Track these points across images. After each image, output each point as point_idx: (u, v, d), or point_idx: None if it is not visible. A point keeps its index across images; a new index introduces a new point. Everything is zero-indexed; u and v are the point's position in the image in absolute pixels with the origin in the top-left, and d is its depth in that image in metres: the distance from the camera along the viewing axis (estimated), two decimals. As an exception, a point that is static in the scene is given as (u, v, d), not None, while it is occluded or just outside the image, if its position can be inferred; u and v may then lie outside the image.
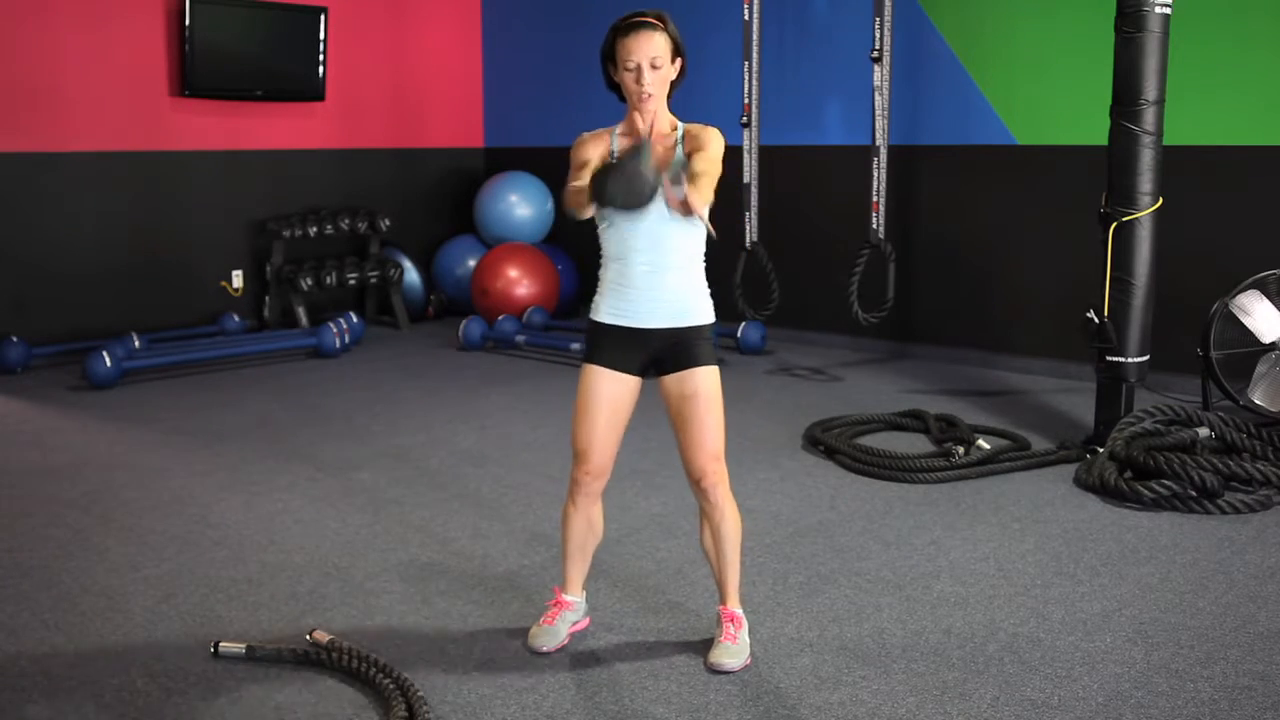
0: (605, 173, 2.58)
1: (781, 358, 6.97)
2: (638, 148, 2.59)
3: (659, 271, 2.86)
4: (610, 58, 2.86)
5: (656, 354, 2.91)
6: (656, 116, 2.86)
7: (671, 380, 2.90)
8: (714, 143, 2.85)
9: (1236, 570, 3.59)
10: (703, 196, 2.72)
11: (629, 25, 2.82)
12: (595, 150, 2.92)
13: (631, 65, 2.81)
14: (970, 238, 6.71)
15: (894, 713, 2.70)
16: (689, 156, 2.83)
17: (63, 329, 6.97)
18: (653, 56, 2.80)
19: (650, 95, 2.82)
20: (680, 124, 2.93)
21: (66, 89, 6.92)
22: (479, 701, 2.75)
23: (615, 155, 2.86)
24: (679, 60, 2.87)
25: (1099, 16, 5.46)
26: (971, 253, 6.71)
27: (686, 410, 2.88)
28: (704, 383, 2.87)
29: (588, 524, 3.02)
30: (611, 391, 2.92)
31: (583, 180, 2.80)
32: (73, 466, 4.69)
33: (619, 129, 2.94)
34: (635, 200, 2.59)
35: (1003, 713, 2.70)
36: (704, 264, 2.93)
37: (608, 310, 2.93)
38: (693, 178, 2.74)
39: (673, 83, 2.88)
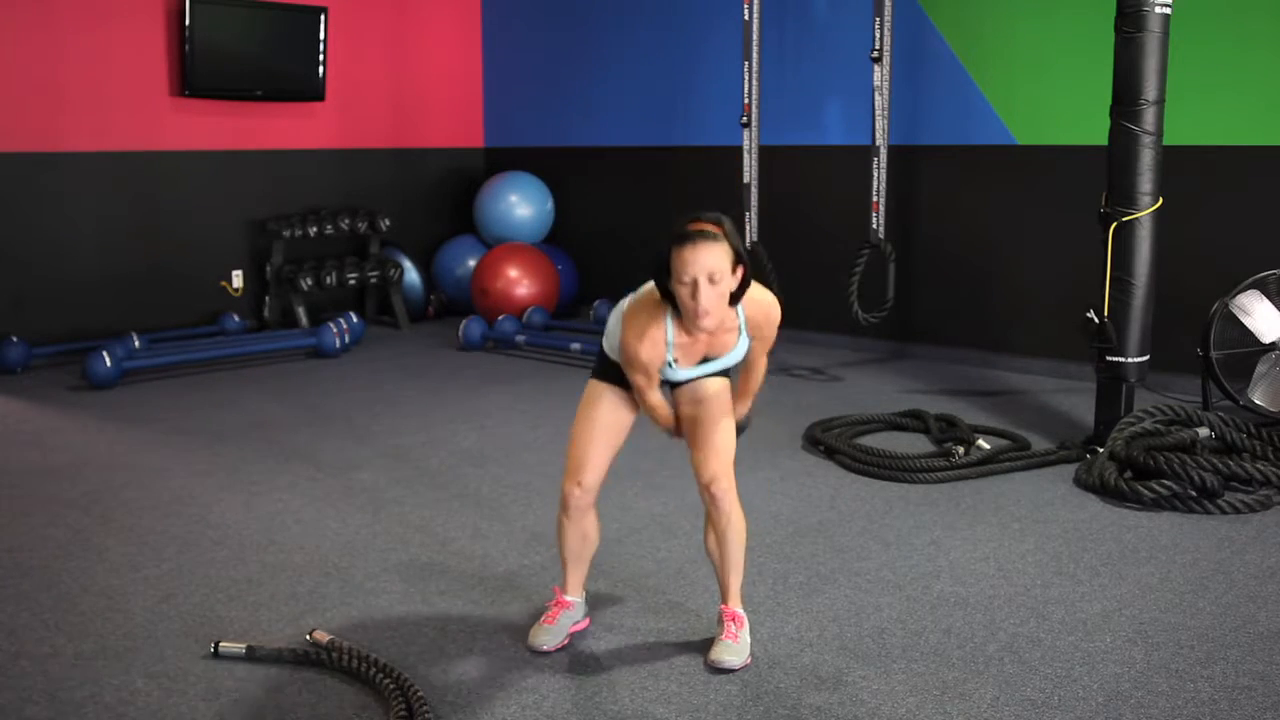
0: None
1: (781, 358, 6.96)
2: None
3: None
4: (666, 268, 2.63)
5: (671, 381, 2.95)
6: (719, 324, 2.69)
7: (684, 390, 2.93)
8: (773, 329, 2.85)
9: (1236, 570, 3.59)
10: (759, 383, 2.98)
11: (686, 235, 2.59)
12: (654, 361, 2.75)
13: (687, 279, 2.58)
14: (970, 238, 6.71)
15: (894, 713, 2.70)
16: (752, 340, 2.84)
17: (63, 329, 6.97)
18: (710, 270, 2.58)
19: (708, 313, 2.61)
20: (741, 312, 2.77)
21: (66, 89, 6.92)
22: (479, 701, 2.75)
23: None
24: (741, 268, 2.66)
25: (1099, 16, 5.46)
26: (971, 253, 6.71)
27: (697, 416, 2.90)
28: (714, 390, 2.90)
29: (582, 535, 3.03)
30: (616, 410, 2.94)
31: (652, 393, 2.83)
32: (73, 466, 4.69)
33: (671, 327, 2.73)
34: None
35: (1003, 713, 2.70)
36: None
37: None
38: (745, 384, 2.97)
39: (736, 292, 2.68)
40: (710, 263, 2.58)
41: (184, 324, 7.51)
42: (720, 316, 2.68)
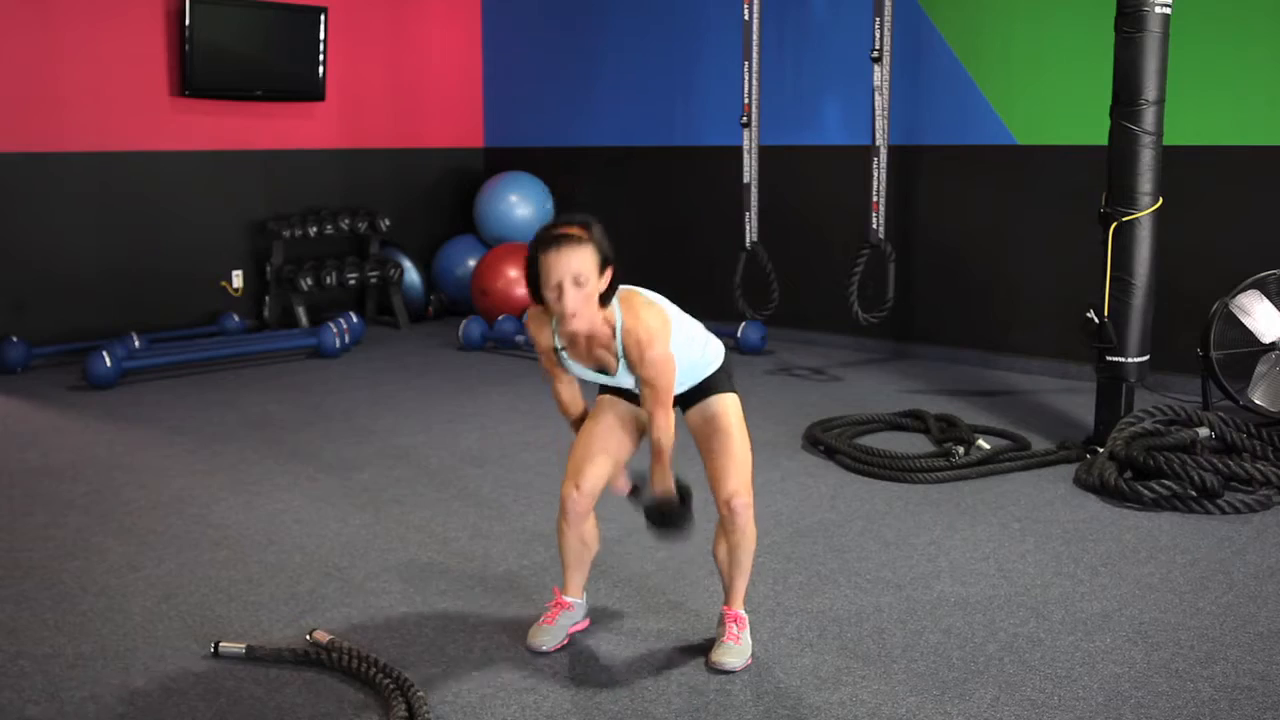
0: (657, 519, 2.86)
1: (781, 358, 6.96)
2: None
3: None
4: (533, 275, 2.64)
5: (680, 401, 2.94)
6: (591, 325, 2.68)
7: (693, 411, 2.94)
8: (659, 367, 2.71)
9: (1236, 570, 3.59)
10: (664, 410, 2.74)
11: (550, 239, 2.60)
12: (542, 340, 2.82)
13: (553, 282, 2.59)
14: (970, 238, 6.71)
15: (894, 713, 2.70)
16: (634, 370, 2.75)
17: (63, 329, 6.96)
18: (575, 273, 2.58)
19: (575, 314, 2.61)
20: (619, 321, 2.72)
21: (66, 89, 6.92)
22: (479, 701, 2.75)
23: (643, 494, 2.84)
24: (609, 269, 2.66)
25: (1099, 17, 5.46)
26: (971, 253, 6.71)
27: (711, 436, 2.90)
28: (724, 408, 2.89)
29: (581, 540, 3.02)
30: (619, 418, 2.94)
31: (561, 382, 2.91)
32: (73, 466, 4.69)
33: (555, 321, 2.75)
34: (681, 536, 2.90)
35: (1003, 713, 2.70)
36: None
37: None
38: (644, 401, 2.77)
39: (605, 294, 2.68)
40: (575, 265, 2.59)
41: (184, 324, 7.50)
42: (589, 318, 2.66)
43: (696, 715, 2.69)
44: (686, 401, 2.94)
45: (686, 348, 2.84)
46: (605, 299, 2.69)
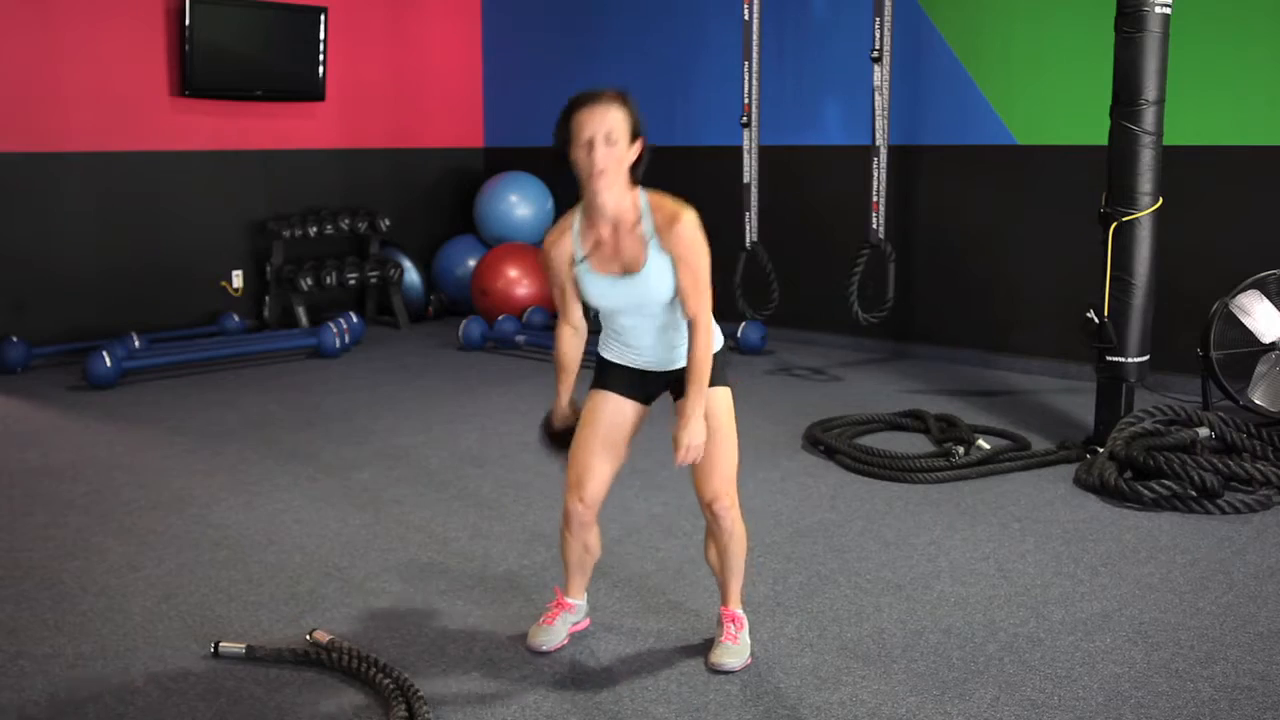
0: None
1: (781, 358, 6.96)
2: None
3: (662, 334, 2.85)
4: (565, 137, 2.68)
5: (668, 384, 2.92)
6: (618, 203, 2.70)
7: (684, 403, 2.90)
8: (691, 240, 2.70)
9: (1236, 570, 3.59)
10: (705, 314, 2.71)
11: (584, 98, 2.67)
12: (560, 259, 2.79)
13: (584, 138, 2.63)
14: (970, 238, 6.71)
15: (894, 713, 2.70)
16: (671, 258, 2.70)
17: (63, 329, 6.97)
18: (608, 130, 2.63)
19: (604, 171, 2.63)
20: (644, 199, 2.75)
21: (66, 89, 6.92)
22: (479, 701, 2.75)
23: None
24: (639, 140, 2.70)
25: (1099, 17, 5.46)
26: (971, 253, 6.71)
27: None
28: (714, 405, 2.83)
29: (584, 548, 3.02)
30: (614, 414, 2.90)
31: (565, 300, 2.86)
32: (73, 466, 4.69)
33: (579, 222, 2.78)
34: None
35: (1003, 713, 2.70)
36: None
37: (614, 353, 2.92)
38: (684, 297, 2.71)
39: (634, 167, 2.72)
40: (607, 123, 2.63)
41: (184, 324, 7.50)
42: (618, 192, 2.68)
43: (696, 715, 2.69)
44: (679, 389, 2.88)
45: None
46: (634, 172, 2.71)
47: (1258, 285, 5.07)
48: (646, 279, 2.74)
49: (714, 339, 2.84)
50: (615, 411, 2.90)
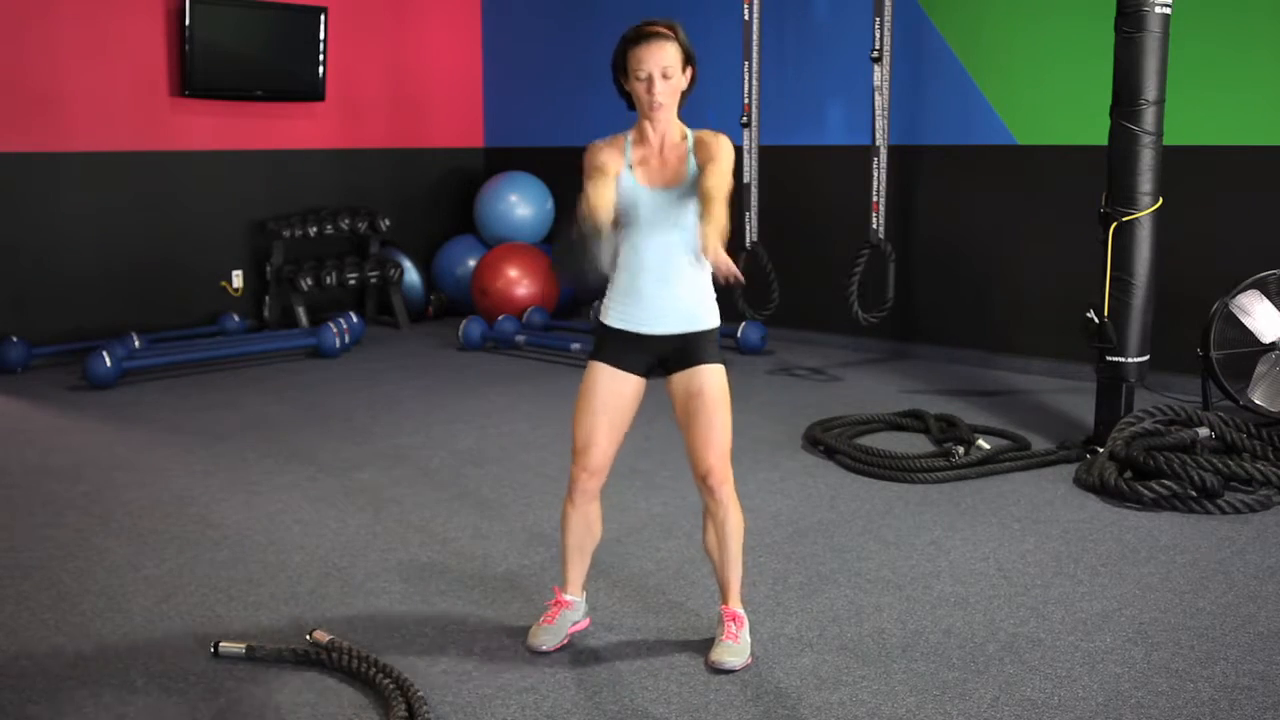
0: (562, 250, 2.77)
1: (781, 358, 6.96)
2: (584, 240, 2.69)
3: (668, 282, 2.88)
4: (621, 67, 2.87)
5: (663, 356, 2.93)
6: (668, 126, 2.88)
7: (678, 378, 2.92)
8: (725, 154, 2.86)
9: (1236, 570, 3.59)
10: (718, 225, 2.66)
11: (641, 34, 2.82)
12: (611, 158, 2.91)
13: (643, 75, 2.82)
14: (970, 238, 6.71)
15: (894, 713, 2.70)
16: (701, 169, 2.84)
17: (63, 329, 6.97)
18: (664, 66, 2.81)
19: (662, 105, 2.83)
20: (690, 131, 2.93)
21: (66, 89, 6.92)
22: (479, 701, 2.75)
23: (577, 232, 2.75)
24: (690, 69, 2.89)
25: (1099, 17, 5.45)
26: (971, 253, 6.71)
27: (693, 407, 2.88)
28: (710, 380, 2.89)
29: (586, 524, 3.02)
30: (614, 388, 2.92)
31: (604, 186, 2.83)
32: (73, 466, 4.69)
33: (632, 136, 2.94)
34: (578, 280, 2.76)
35: (1003, 713, 2.70)
36: (710, 270, 2.92)
37: (616, 315, 2.94)
38: (705, 198, 2.75)
39: (684, 92, 2.90)
40: (664, 59, 2.80)
41: (184, 324, 7.50)
42: (671, 110, 2.86)
43: (696, 715, 2.69)
44: (673, 364, 2.91)
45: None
46: (685, 95, 2.90)
47: (1258, 285, 5.07)
48: (683, 190, 2.89)
49: (715, 314, 2.95)
50: (613, 380, 2.92)
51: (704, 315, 2.93)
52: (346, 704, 2.73)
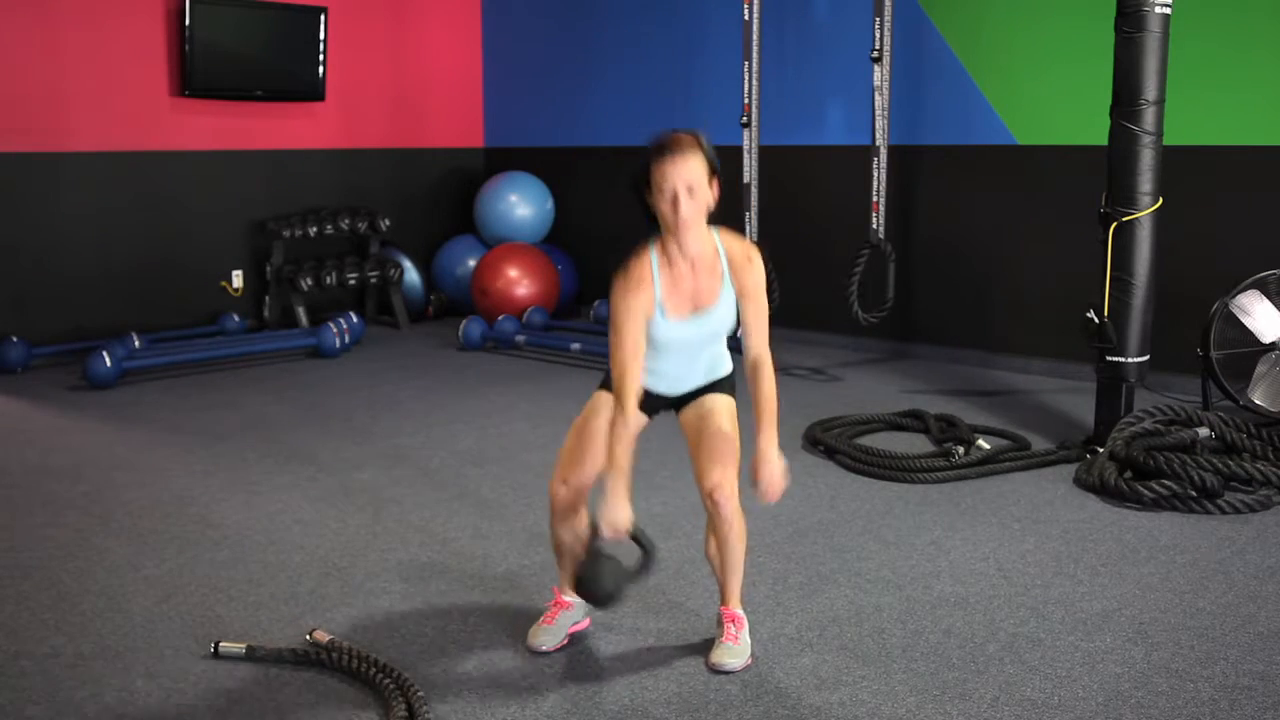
0: (589, 575, 2.70)
1: (781, 358, 6.92)
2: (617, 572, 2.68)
3: (695, 361, 2.92)
4: (644, 182, 2.74)
5: (674, 403, 2.99)
6: (697, 243, 2.77)
7: (689, 408, 2.95)
8: (760, 278, 2.83)
9: (1236, 570, 3.59)
10: (768, 352, 2.83)
11: (664, 148, 2.70)
12: (645, 305, 2.76)
13: (668, 192, 2.69)
14: (970, 238, 6.71)
15: (894, 713, 2.70)
16: (740, 296, 2.81)
17: (63, 329, 6.97)
18: (690, 182, 2.68)
19: (689, 223, 2.71)
20: (720, 244, 2.83)
21: (66, 89, 6.92)
22: (479, 701, 2.75)
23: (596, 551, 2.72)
24: (715, 180, 2.76)
25: (1099, 17, 5.46)
26: (971, 253, 6.71)
27: (702, 429, 2.90)
28: (719, 403, 2.92)
29: (574, 537, 3.02)
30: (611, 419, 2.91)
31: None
32: (73, 466, 4.69)
33: (658, 257, 2.80)
34: (609, 602, 2.76)
35: (1003, 713, 2.70)
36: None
37: None
38: (750, 332, 2.82)
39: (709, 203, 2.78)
40: (689, 174, 2.68)
41: (184, 324, 7.50)
42: (699, 227, 2.75)
43: (696, 715, 2.69)
44: (684, 403, 2.95)
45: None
46: (710, 211, 2.79)
47: (1258, 285, 5.07)
48: (716, 313, 2.84)
49: (729, 364, 2.99)
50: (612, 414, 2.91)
51: (721, 368, 2.97)
52: (346, 704, 2.73)
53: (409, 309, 8.23)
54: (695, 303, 2.82)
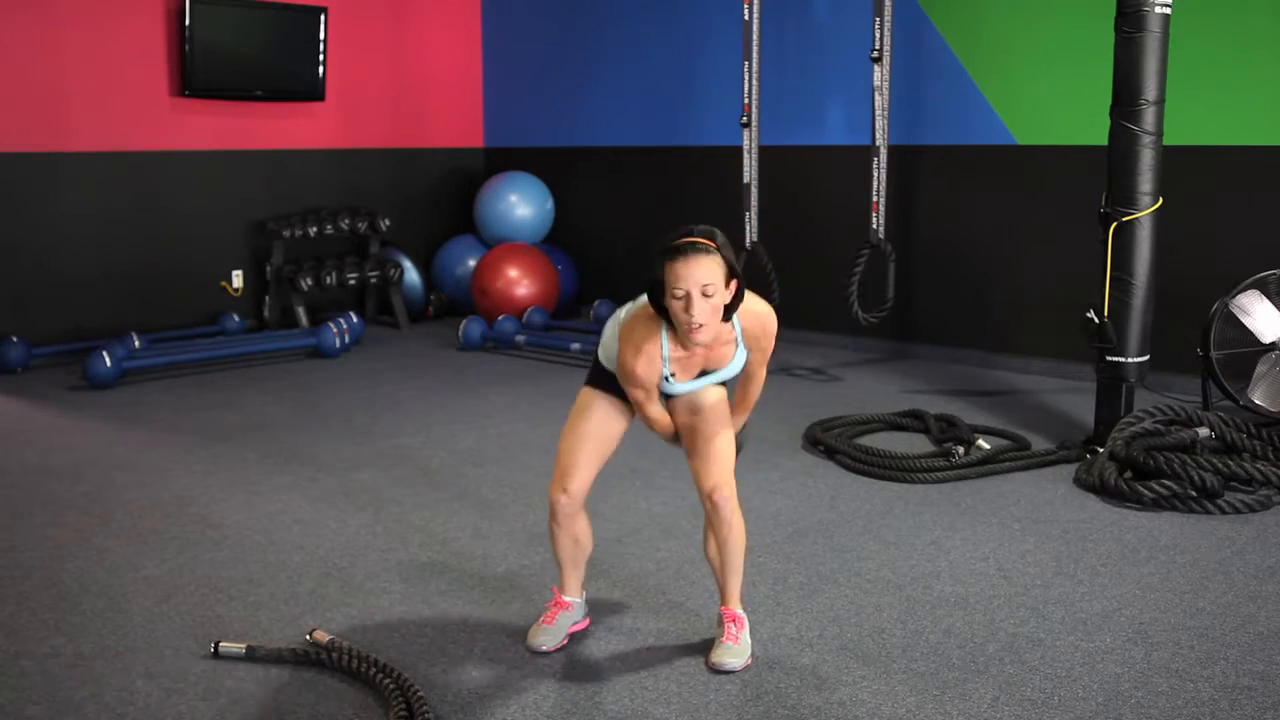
0: None
1: (781, 358, 6.95)
2: None
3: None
4: (659, 280, 2.62)
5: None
6: (712, 335, 2.66)
7: (681, 399, 2.93)
8: (771, 341, 2.85)
9: (1236, 570, 3.59)
10: (757, 396, 2.98)
11: (678, 248, 2.57)
12: (650, 372, 2.73)
13: (680, 293, 2.57)
14: (970, 238, 6.71)
15: (894, 713, 2.70)
16: (751, 353, 2.86)
17: (63, 329, 6.97)
18: (704, 283, 2.55)
19: (701, 327, 2.60)
20: (737, 324, 2.77)
21: (66, 89, 6.92)
22: (479, 702, 2.75)
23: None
24: (734, 282, 2.64)
25: (1099, 17, 5.46)
26: (971, 253, 6.71)
27: (696, 425, 2.89)
28: (712, 400, 2.90)
29: (573, 539, 3.02)
30: (607, 414, 2.93)
31: (652, 406, 2.83)
32: (73, 466, 4.69)
33: (668, 336, 2.72)
34: None
35: (1003, 713, 2.70)
36: None
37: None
38: (751, 366, 2.89)
39: (728, 305, 2.66)
40: (703, 276, 2.56)
41: (184, 324, 7.51)
42: (714, 330, 2.67)
43: (696, 715, 2.69)
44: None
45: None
46: (729, 312, 2.67)
47: (1258, 285, 5.07)
48: (726, 370, 2.88)
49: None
50: (608, 412, 2.93)
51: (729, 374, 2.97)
52: (346, 704, 2.73)
53: (409, 309, 8.23)
54: (706, 367, 2.85)
